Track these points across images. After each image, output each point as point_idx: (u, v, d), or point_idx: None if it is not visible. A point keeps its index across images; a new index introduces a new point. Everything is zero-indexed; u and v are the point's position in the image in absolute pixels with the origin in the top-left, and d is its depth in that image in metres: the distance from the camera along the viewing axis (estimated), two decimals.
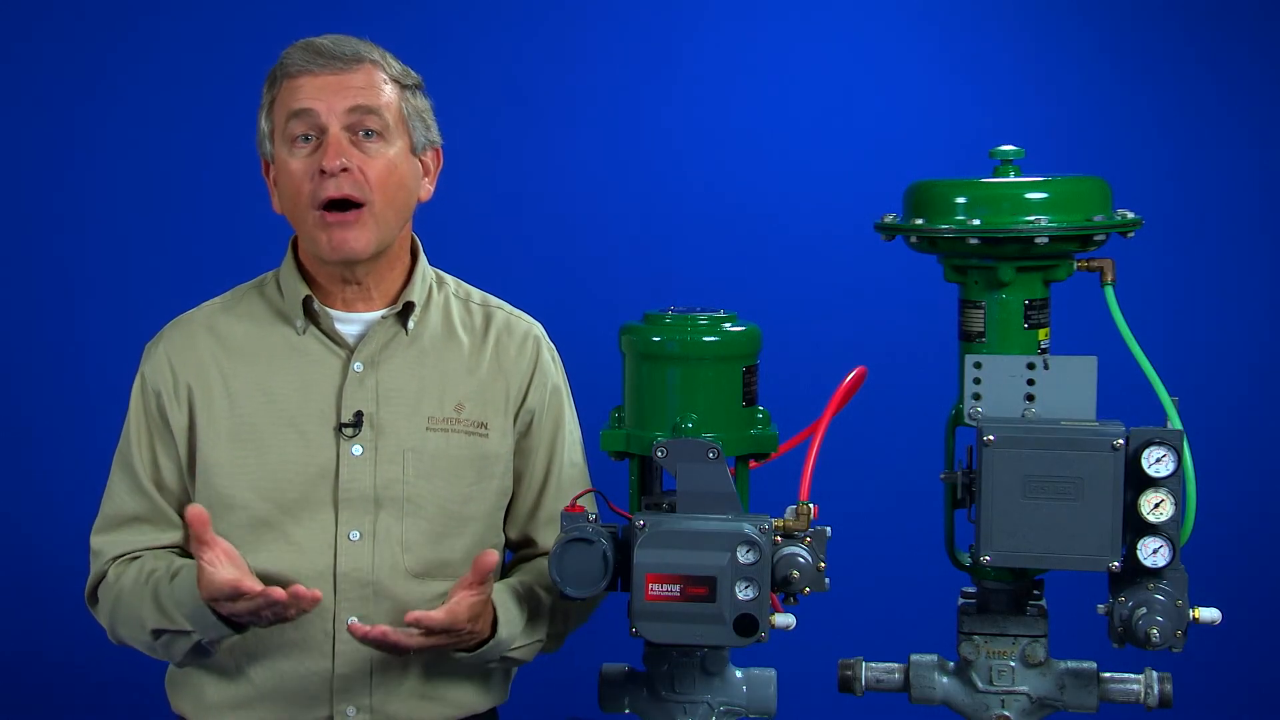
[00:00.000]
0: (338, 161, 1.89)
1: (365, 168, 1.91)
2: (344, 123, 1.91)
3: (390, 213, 1.95)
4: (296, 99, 1.92)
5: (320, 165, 1.89)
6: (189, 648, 1.91)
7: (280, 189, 1.96)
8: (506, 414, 2.03)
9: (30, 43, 3.10)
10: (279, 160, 1.95)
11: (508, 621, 1.91)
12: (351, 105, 1.92)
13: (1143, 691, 1.89)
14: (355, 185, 1.91)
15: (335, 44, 1.94)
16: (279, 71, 1.96)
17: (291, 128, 1.92)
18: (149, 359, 2.02)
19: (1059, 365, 1.82)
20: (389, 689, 1.96)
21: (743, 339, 1.88)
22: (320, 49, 1.93)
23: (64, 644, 3.09)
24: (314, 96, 1.91)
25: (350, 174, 1.90)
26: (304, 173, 1.91)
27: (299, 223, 1.96)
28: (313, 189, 1.91)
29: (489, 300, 2.12)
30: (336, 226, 1.91)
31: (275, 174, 1.97)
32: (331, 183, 1.89)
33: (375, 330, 2.00)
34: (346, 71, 1.93)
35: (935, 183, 1.88)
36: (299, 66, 1.93)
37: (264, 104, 1.99)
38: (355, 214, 1.91)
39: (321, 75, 1.92)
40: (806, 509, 1.81)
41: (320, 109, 1.91)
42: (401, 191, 1.96)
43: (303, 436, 1.96)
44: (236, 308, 2.05)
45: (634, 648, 1.89)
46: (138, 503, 2.00)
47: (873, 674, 1.94)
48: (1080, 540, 1.74)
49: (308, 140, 1.92)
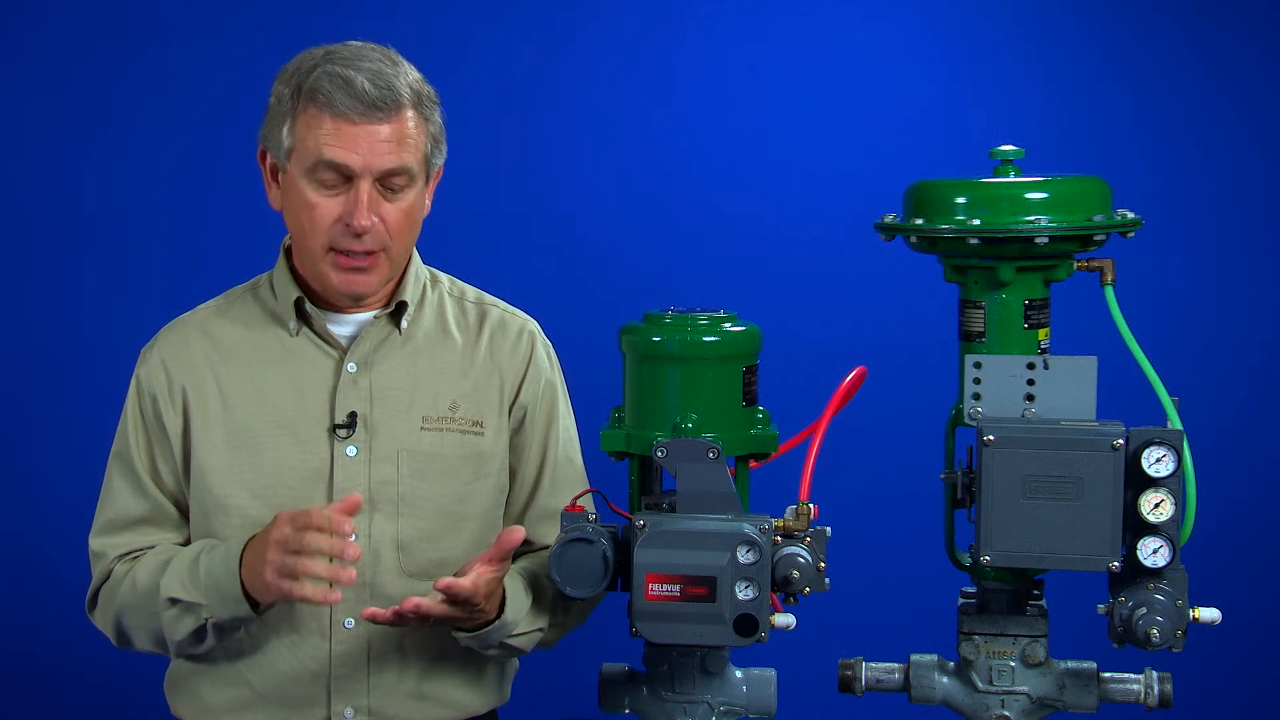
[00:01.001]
0: (368, 222, 1.88)
1: (387, 217, 1.90)
2: (376, 177, 1.88)
3: (404, 251, 1.97)
4: (333, 149, 1.86)
5: (347, 220, 1.87)
6: (193, 629, 1.90)
7: (293, 214, 1.93)
8: (501, 411, 2.03)
9: (29, 43, 3.09)
10: (295, 185, 1.90)
11: (515, 604, 1.91)
12: (388, 167, 1.88)
13: (1143, 691, 1.89)
14: (377, 238, 1.90)
15: (377, 86, 1.86)
16: (310, 93, 1.87)
17: (319, 172, 1.88)
18: (144, 362, 2.02)
19: (1059, 365, 1.82)
20: (386, 690, 1.96)
21: (743, 339, 1.88)
22: (362, 95, 1.85)
23: (63, 647, 3.08)
24: (350, 148, 1.86)
25: (374, 228, 1.89)
26: (327, 214, 1.89)
27: (307, 253, 1.93)
28: (333, 234, 1.89)
29: (483, 297, 2.12)
30: (353, 271, 1.91)
31: (286, 187, 1.93)
32: (355, 240, 1.89)
33: (368, 331, 1.99)
34: (384, 122, 1.87)
35: (935, 183, 1.88)
36: (337, 110, 1.85)
37: (284, 110, 1.90)
38: (370, 259, 1.91)
39: (360, 124, 1.86)
40: (806, 509, 1.81)
41: (357, 165, 1.86)
42: (415, 229, 1.98)
43: (297, 438, 1.96)
44: (230, 310, 2.04)
45: (634, 648, 1.89)
46: (141, 505, 1.99)
47: (873, 674, 1.94)
48: (1080, 540, 1.74)
49: (333, 184, 1.88)
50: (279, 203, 1.97)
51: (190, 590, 1.88)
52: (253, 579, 1.84)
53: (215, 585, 1.87)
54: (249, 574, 1.84)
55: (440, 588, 1.77)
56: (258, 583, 1.82)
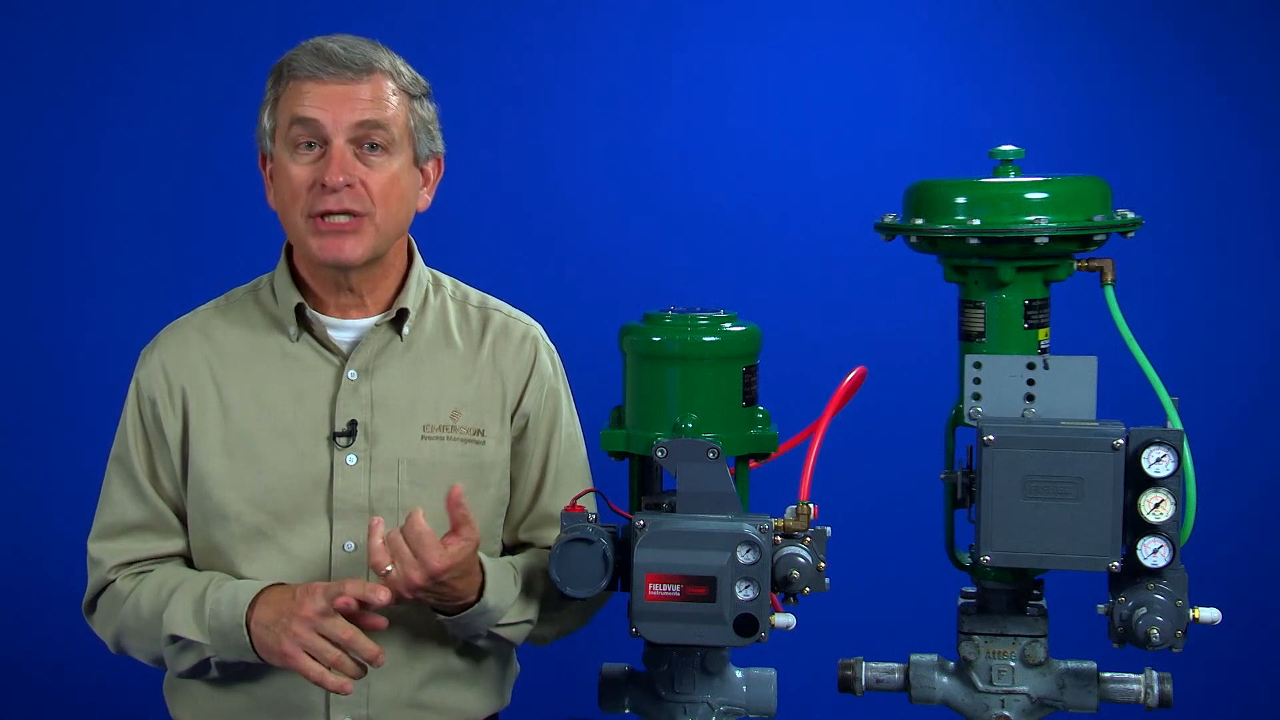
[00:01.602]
0: (340, 178, 1.87)
1: (367, 180, 1.89)
2: (349, 135, 1.89)
3: (390, 225, 1.94)
4: (302, 105, 1.89)
5: (322, 179, 1.87)
6: (195, 663, 1.90)
7: (277, 189, 1.94)
8: (503, 419, 2.02)
9: (28, 43, 3.09)
10: (278, 161, 1.93)
11: (497, 590, 1.89)
12: (359, 120, 1.89)
13: (1143, 691, 1.89)
14: (356, 199, 1.89)
15: (346, 50, 1.90)
16: (285, 70, 1.92)
17: (294, 133, 1.90)
18: (144, 365, 2.01)
19: (1059, 365, 1.82)
20: (386, 698, 1.95)
21: (743, 339, 1.88)
22: (331, 55, 1.89)
23: (62, 649, 3.08)
24: (320, 105, 1.88)
25: (353, 189, 1.88)
26: (304, 180, 1.89)
27: (291, 226, 1.93)
28: (311, 199, 1.89)
29: (487, 301, 2.10)
30: (330, 234, 1.89)
31: (273, 173, 1.95)
32: (332, 198, 1.87)
33: (369, 338, 1.98)
34: (356, 82, 1.89)
35: (935, 183, 1.88)
36: (307, 71, 1.89)
37: (267, 100, 1.95)
38: (353, 221, 1.89)
39: (330, 84, 1.89)
40: (806, 509, 1.81)
41: (326, 120, 1.88)
42: (402, 205, 1.95)
43: (296, 446, 1.94)
44: (231, 312, 2.03)
45: (634, 648, 1.89)
46: (140, 510, 1.98)
47: (873, 674, 1.94)
48: (1080, 540, 1.74)
49: (310, 148, 1.89)
50: (273, 199, 1.97)
51: (194, 629, 1.88)
52: (263, 635, 1.83)
53: (220, 629, 1.86)
54: (259, 629, 1.83)
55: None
56: (269, 642, 1.82)
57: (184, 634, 1.88)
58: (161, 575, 1.95)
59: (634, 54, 3.10)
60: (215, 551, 1.95)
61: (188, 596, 1.90)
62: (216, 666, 1.90)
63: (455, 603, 1.86)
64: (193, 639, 1.88)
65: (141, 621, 1.93)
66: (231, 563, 1.94)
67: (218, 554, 1.95)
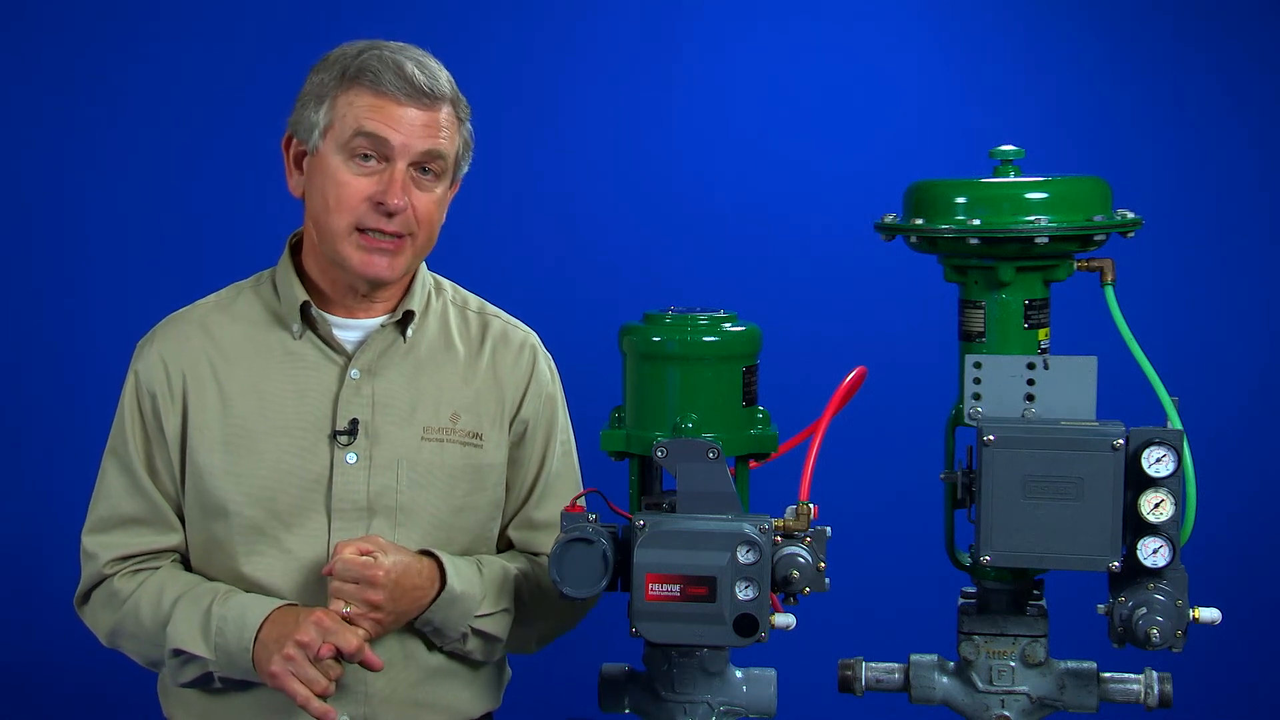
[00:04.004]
0: (401, 201, 1.88)
1: (416, 203, 1.91)
2: (412, 160, 1.90)
3: (426, 245, 1.97)
4: (375, 121, 1.88)
5: (380, 199, 1.88)
6: (198, 675, 1.91)
7: (321, 190, 1.92)
8: (501, 425, 2.03)
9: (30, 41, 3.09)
10: (328, 163, 1.91)
11: (457, 575, 1.90)
12: (427, 149, 1.90)
13: (1143, 691, 1.89)
14: (405, 222, 1.91)
15: (425, 75, 1.90)
16: (355, 72, 1.89)
17: (358, 144, 1.89)
18: (142, 357, 2.00)
19: (1059, 365, 1.82)
20: (382, 697, 1.95)
21: (743, 339, 1.88)
22: (412, 79, 1.88)
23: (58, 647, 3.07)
24: (394, 127, 1.88)
25: (405, 212, 1.90)
26: (361, 193, 1.89)
27: (327, 229, 1.92)
28: (364, 212, 1.89)
29: (486, 308, 2.11)
30: (375, 252, 1.91)
31: (313, 169, 1.93)
32: (385, 219, 1.89)
33: (374, 338, 1.98)
34: (430, 109, 1.90)
35: (935, 183, 1.88)
36: (388, 89, 1.88)
37: (326, 94, 1.91)
38: (398, 242, 1.92)
39: (408, 107, 1.89)
40: (806, 509, 1.81)
41: (398, 143, 1.88)
42: (438, 225, 1.98)
43: (297, 443, 1.94)
44: (231, 307, 2.02)
45: (634, 648, 1.89)
46: (136, 504, 1.98)
47: (873, 674, 1.94)
48: (1080, 540, 1.74)
49: (367, 160, 1.89)
50: (300, 188, 1.96)
51: (200, 645, 1.88)
52: (261, 653, 1.84)
53: (225, 648, 1.87)
54: (260, 647, 1.84)
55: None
56: (263, 660, 1.84)
57: (189, 649, 1.89)
58: (161, 580, 1.95)
59: (634, 54, 3.10)
60: (214, 547, 1.95)
61: (193, 610, 1.90)
62: (219, 679, 1.91)
63: (420, 604, 1.88)
64: (197, 654, 1.88)
65: (142, 628, 1.93)
66: (230, 559, 1.94)
67: (216, 550, 1.95)
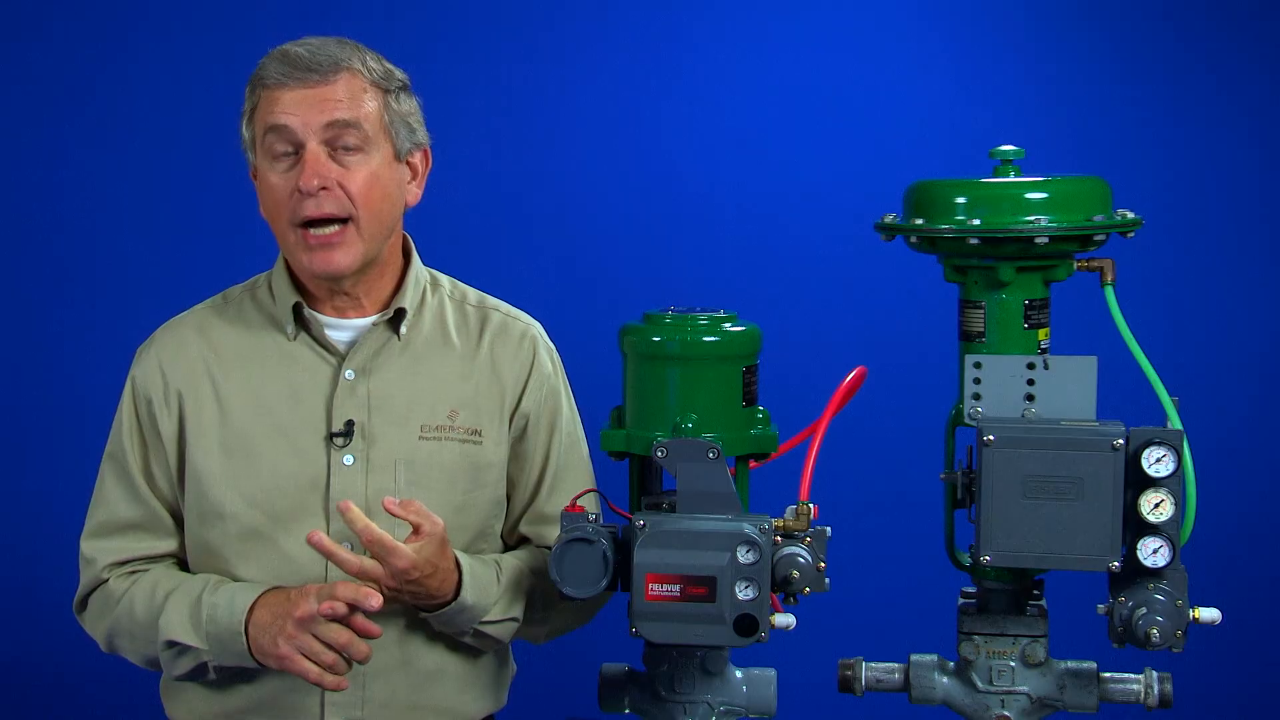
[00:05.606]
0: (314, 181, 1.85)
1: (346, 182, 1.88)
2: (322, 138, 1.87)
3: (376, 225, 1.92)
4: (273, 113, 1.88)
5: (297, 184, 1.86)
6: (192, 667, 1.91)
7: (262, 201, 1.94)
8: (501, 419, 2.02)
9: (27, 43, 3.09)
10: (260, 172, 1.92)
11: (474, 587, 1.89)
12: (329, 120, 1.87)
13: (1143, 691, 1.89)
14: (336, 202, 1.87)
15: (311, 53, 1.88)
16: (256, 81, 1.90)
17: (270, 142, 1.88)
18: (140, 363, 2.00)
19: (1059, 365, 1.82)
20: (382, 700, 1.95)
21: (743, 339, 1.88)
22: (296, 59, 1.88)
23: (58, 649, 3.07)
24: (290, 111, 1.87)
25: (330, 191, 1.87)
26: (284, 189, 1.88)
27: (281, 237, 1.92)
28: (292, 206, 1.87)
29: (485, 301, 2.10)
30: (320, 248, 1.88)
31: (257, 184, 1.94)
32: (310, 202, 1.86)
33: (366, 337, 1.97)
34: (323, 83, 1.88)
35: (935, 183, 1.88)
36: (275, 78, 1.88)
37: (245, 111, 1.94)
38: (338, 232, 1.88)
39: (297, 89, 1.87)
40: (806, 509, 1.81)
41: (296, 125, 1.87)
42: (386, 202, 1.93)
43: (293, 446, 1.94)
44: (228, 311, 2.02)
45: (634, 648, 1.89)
46: (134, 510, 1.98)
47: (873, 674, 1.94)
48: (1080, 540, 1.74)
49: (287, 156, 1.88)
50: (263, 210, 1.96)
51: (191, 634, 1.88)
52: (260, 638, 1.83)
53: (217, 634, 1.86)
54: (256, 631, 1.84)
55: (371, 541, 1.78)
56: (265, 644, 1.83)
57: (181, 639, 1.88)
58: (154, 577, 1.95)
59: (634, 54, 3.10)
60: (210, 552, 1.95)
61: (183, 601, 1.90)
62: (214, 670, 1.90)
63: (432, 600, 1.87)
64: (190, 644, 1.88)
65: (136, 625, 1.93)
66: (226, 563, 1.93)
67: (212, 555, 1.94)
